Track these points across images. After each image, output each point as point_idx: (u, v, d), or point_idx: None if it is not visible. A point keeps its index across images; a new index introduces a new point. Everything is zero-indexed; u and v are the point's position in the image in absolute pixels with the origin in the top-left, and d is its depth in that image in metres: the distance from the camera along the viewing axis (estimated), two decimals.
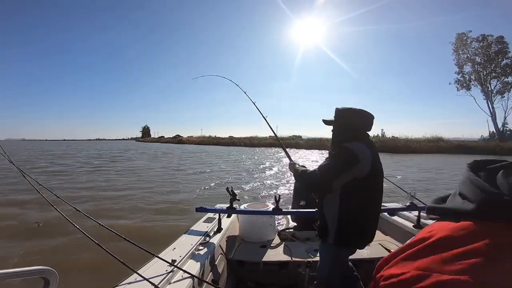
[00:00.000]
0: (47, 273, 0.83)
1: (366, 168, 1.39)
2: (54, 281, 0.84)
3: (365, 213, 1.48)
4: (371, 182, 1.45)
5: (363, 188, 1.42)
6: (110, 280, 1.33)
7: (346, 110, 1.55)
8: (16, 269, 0.75)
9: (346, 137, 1.50)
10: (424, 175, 11.59)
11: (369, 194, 1.46)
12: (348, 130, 1.52)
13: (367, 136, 1.57)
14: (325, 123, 1.62)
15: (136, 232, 4.33)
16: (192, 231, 2.15)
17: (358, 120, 1.54)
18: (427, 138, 30.61)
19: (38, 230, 4.40)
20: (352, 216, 1.43)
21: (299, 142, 37.82)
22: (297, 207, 2.71)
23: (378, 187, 1.51)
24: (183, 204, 6.25)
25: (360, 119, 1.54)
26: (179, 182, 9.33)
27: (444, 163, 16.85)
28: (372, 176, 1.43)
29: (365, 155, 1.40)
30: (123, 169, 13.31)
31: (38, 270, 0.81)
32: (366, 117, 1.54)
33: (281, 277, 2.23)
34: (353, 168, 1.36)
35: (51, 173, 11.62)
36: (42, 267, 0.82)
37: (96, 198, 6.82)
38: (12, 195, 6.88)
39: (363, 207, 1.45)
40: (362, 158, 1.38)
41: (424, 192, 7.24)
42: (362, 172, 1.38)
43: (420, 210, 2.42)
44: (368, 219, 1.51)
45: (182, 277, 1.44)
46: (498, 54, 32.41)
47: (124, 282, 1.29)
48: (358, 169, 1.37)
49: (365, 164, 1.39)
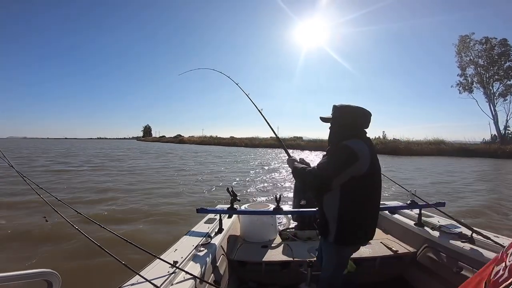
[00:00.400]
0: (50, 276, 0.83)
1: (365, 166, 1.38)
2: (57, 284, 0.84)
3: (364, 210, 1.47)
4: (370, 180, 1.44)
5: (362, 186, 1.41)
6: (113, 282, 1.32)
7: (344, 107, 1.52)
8: (19, 272, 0.75)
9: (344, 135, 1.48)
10: (417, 173, 11.55)
11: (368, 192, 1.45)
12: (346, 127, 1.50)
13: (365, 134, 1.55)
14: (323, 120, 1.59)
15: (137, 234, 4.33)
16: (193, 232, 2.15)
17: (356, 117, 1.52)
18: (428, 140, 30.56)
19: (39, 234, 4.39)
20: (352, 214, 1.42)
21: (300, 143, 37.77)
22: (298, 207, 2.70)
23: (376, 184, 1.50)
24: (184, 205, 6.25)
25: (358, 116, 1.52)
26: (180, 183, 9.33)
27: (443, 165, 16.80)
28: (370, 174, 1.42)
29: (364, 153, 1.39)
30: (124, 169, 13.32)
31: (41, 273, 0.81)
32: (364, 114, 1.52)
33: (283, 277, 2.23)
34: (352, 166, 1.35)
35: (54, 172, 11.64)
36: (45, 270, 0.82)
37: (97, 199, 6.81)
38: (11, 197, 6.83)
39: (362, 204, 1.44)
40: (361, 156, 1.37)
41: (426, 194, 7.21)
42: (361, 170, 1.37)
43: (421, 208, 2.41)
44: (367, 216, 1.50)
45: (184, 278, 1.44)
46: (501, 56, 32.30)
47: (127, 284, 1.29)
48: (357, 167, 1.36)
49: (364, 162, 1.38)
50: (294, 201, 2.83)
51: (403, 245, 2.40)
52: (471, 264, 1.79)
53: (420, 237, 2.29)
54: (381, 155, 26.13)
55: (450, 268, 1.91)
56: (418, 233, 2.33)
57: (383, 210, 2.71)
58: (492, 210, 6.15)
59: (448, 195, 7.64)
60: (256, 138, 48.07)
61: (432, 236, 2.18)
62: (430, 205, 2.35)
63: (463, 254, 1.87)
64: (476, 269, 1.74)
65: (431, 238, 2.18)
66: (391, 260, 2.26)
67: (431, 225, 2.32)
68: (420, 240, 2.29)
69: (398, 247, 2.36)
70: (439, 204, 2.37)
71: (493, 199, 7.29)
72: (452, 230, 2.13)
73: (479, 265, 1.72)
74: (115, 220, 5.18)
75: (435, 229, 2.24)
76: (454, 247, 1.95)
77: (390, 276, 2.37)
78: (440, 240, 2.09)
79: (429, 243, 2.19)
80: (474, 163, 18.68)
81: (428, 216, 2.49)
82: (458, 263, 1.87)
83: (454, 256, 1.93)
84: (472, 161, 20.43)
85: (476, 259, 1.77)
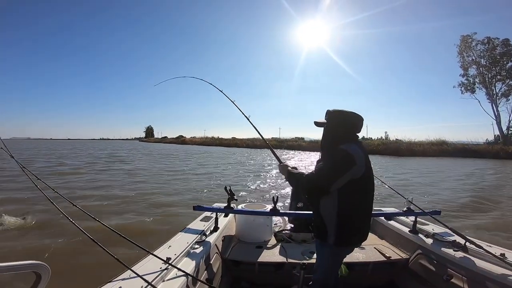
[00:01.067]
0: (40, 268, 0.82)
1: (362, 169, 1.41)
2: (46, 276, 0.83)
3: (360, 212, 1.50)
4: (365, 182, 1.48)
5: (358, 189, 1.43)
6: (103, 275, 1.33)
7: (338, 112, 1.57)
8: (8, 263, 0.73)
9: (339, 139, 1.51)
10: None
11: (363, 194, 1.49)
12: (340, 131, 1.53)
13: (357, 138, 1.59)
14: (317, 125, 1.61)
15: (131, 229, 4.33)
16: (188, 230, 2.16)
17: (349, 122, 1.56)
18: (430, 141, 30.41)
19: (32, 225, 4.43)
20: (350, 217, 1.45)
21: (301, 144, 37.78)
22: (295, 209, 2.70)
23: (371, 186, 1.54)
24: (181, 202, 6.27)
25: (351, 121, 1.56)
26: (178, 181, 9.36)
27: (444, 166, 16.72)
28: (366, 176, 1.46)
29: (360, 156, 1.42)
30: (125, 168, 13.35)
31: (31, 265, 0.80)
32: (357, 119, 1.57)
33: (276, 278, 2.23)
34: (350, 170, 1.37)
35: (56, 172, 11.71)
36: (35, 262, 0.81)
37: (93, 195, 6.84)
38: (8, 190, 6.91)
39: (359, 206, 1.48)
40: (358, 160, 1.39)
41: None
42: (358, 173, 1.40)
43: (417, 215, 2.41)
44: (363, 218, 1.54)
45: (176, 275, 1.44)
46: (503, 56, 32.11)
47: (118, 278, 1.29)
48: (355, 171, 1.38)
49: (361, 165, 1.41)
50: (291, 203, 2.83)
51: (397, 251, 2.40)
52: (461, 273, 1.79)
53: (414, 244, 2.29)
54: (382, 156, 26.17)
55: (440, 276, 1.91)
56: (412, 239, 2.33)
57: (379, 216, 2.72)
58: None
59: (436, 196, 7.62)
60: (258, 139, 47.97)
61: (425, 243, 2.18)
62: (426, 213, 2.35)
63: (454, 262, 1.87)
64: (466, 277, 1.75)
65: (424, 245, 2.18)
66: (384, 266, 2.26)
67: (425, 232, 2.31)
68: (413, 246, 2.29)
69: (391, 253, 2.37)
70: (435, 212, 2.37)
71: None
72: (446, 238, 2.13)
73: (470, 274, 1.72)
74: (109, 214, 5.18)
75: (429, 237, 2.23)
76: (446, 255, 1.95)
77: (382, 282, 2.36)
78: (433, 248, 2.09)
79: (422, 250, 2.19)
80: (475, 164, 18.54)
81: (423, 223, 2.49)
82: (449, 270, 1.87)
83: (446, 263, 1.93)
84: (475, 162, 20.28)
85: (467, 267, 1.77)
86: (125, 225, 4.55)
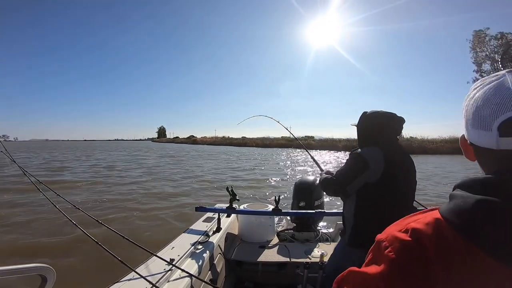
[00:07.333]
0: (45, 271, 0.83)
1: (378, 173, 1.38)
2: (52, 279, 0.85)
3: (379, 217, 1.43)
4: (385, 187, 1.41)
5: (377, 193, 1.41)
6: (108, 278, 1.36)
7: (364, 115, 1.56)
8: (13, 267, 0.75)
9: (364, 141, 1.52)
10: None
11: (385, 199, 1.42)
12: (364, 134, 1.55)
13: (388, 141, 1.50)
14: (355, 126, 1.64)
15: (134, 231, 4.34)
16: (191, 230, 2.18)
17: (377, 124, 1.50)
18: (443, 138, 29.49)
19: (36, 228, 4.46)
20: (366, 219, 1.44)
21: (311, 142, 37.44)
22: (297, 208, 2.69)
23: (397, 193, 1.44)
24: (184, 203, 6.28)
25: (380, 123, 1.50)
26: (181, 182, 9.37)
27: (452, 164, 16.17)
28: (386, 181, 1.40)
29: (376, 161, 1.38)
30: (129, 168, 13.47)
31: (36, 268, 0.82)
32: (391, 121, 1.51)
33: (279, 278, 2.24)
34: (363, 174, 1.38)
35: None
36: (40, 265, 0.83)
37: (96, 198, 6.84)
38: (12, 193, 7.05)
39: (377, 211, 1.42)
40: (372, 164, 1.37)
41: None
42: (373, 177, 1.38)
43: None
44: (383, 224, 1.48)
45: (180, 276, 1.46)
46: None
47: (122, 280, 1.32)
48: (368, 174, 1.38)
49: (377, 169, 1.38)
50: (293, 202, 2.82)
51: None
52: None
53: None
54: None
55: None
56: None
57: None
58: None
59: None
60: (267, 138, 48.03)
61: None
62: None
63: None
64: None
65: None
66: None
67: None
68: None
69: None
70: None
71: None
72: None
73: None
74: (112, 216, 5.22)
75: None
76: None
77: None
78: None
79: None
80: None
81: None
82: None
83: None
84: None
85: None
86: (127, 227, 4.56)
